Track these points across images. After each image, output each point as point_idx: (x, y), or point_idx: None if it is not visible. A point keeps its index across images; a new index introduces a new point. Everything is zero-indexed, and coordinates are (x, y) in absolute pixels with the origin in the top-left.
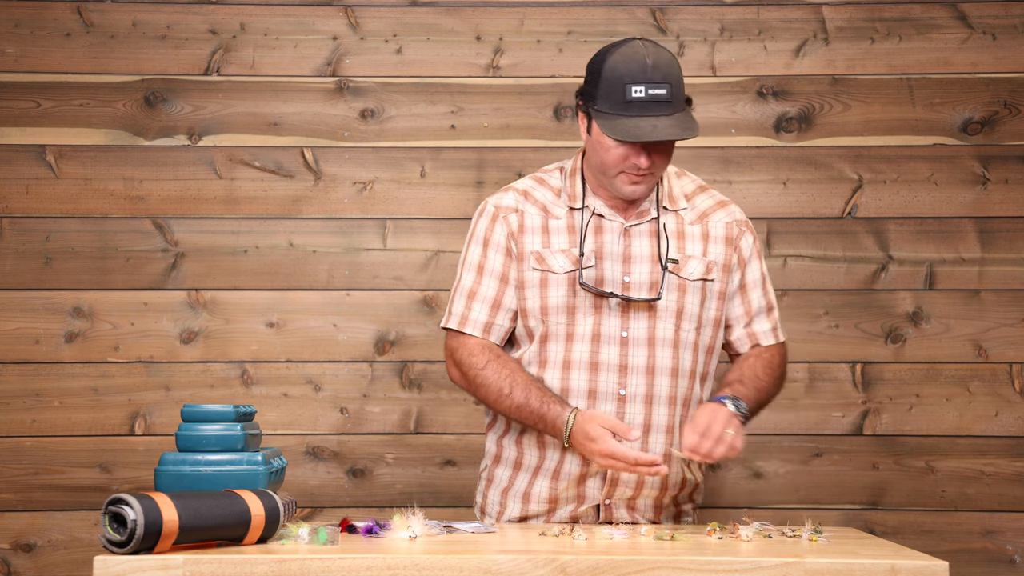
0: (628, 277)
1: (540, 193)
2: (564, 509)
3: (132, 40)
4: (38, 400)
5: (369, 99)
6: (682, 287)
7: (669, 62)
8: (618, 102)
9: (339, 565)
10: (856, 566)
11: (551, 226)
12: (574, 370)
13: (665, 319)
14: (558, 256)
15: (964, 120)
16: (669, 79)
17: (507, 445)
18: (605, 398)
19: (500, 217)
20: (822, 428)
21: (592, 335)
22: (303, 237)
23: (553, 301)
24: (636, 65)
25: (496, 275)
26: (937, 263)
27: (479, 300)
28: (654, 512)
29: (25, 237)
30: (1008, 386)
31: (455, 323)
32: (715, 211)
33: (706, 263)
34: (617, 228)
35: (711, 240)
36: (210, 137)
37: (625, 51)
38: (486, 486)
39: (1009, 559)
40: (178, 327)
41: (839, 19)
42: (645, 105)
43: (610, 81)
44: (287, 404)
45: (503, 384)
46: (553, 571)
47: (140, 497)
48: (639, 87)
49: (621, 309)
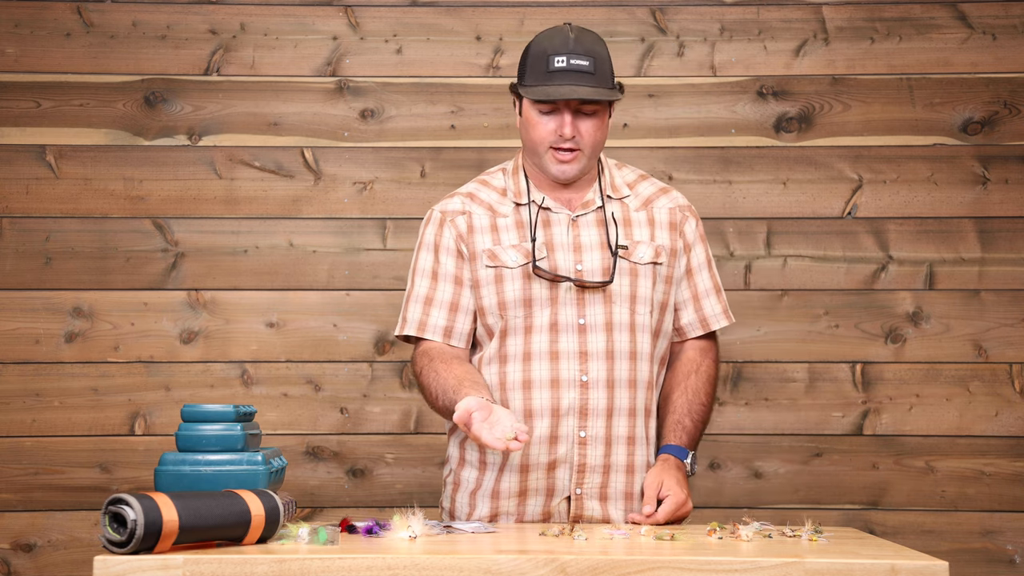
0: (580, 265)
1: (485, 194)
2: (535, 501)
3: (132, 40)
4: (38, 400)
5: (369, 99)
6: (634, 271)
7: (594, 40)
8: (541, 73)
9: (339, 565)
10: (856, 566)
11: (499, 224)
12: (535, 361)
13: (620, 304)
14: (509, 251)
15: (964, 120)
16: (592, 54)
17: (469, 447)
18: (567, 385)
19: (447, 221)
20: (822, 428)
21: (550, 325)
22: (303, 237)
23: (510, 295)
24: (559, 39)
25: (450, 278)
26: (937, 263)
27: (436, 305)
28: (625, 501)
29: (25, 237)
30: (1008, 386)
31: (413, 329)
32: (658, 197)
33: (655, 247)
34: (564, 219)
35: (657, 225)
36: (210, 137)
37: (550, 30)
38: (453, 490)
39: (1009, 559)
40: (178, 327)
41: (839, 19)
42: (567, 74)
43: (535, 56)
44: (287, 404)
45: (433, 388)
46: (553, 571)
47: (140, 497)
48: (560, 57)
49: (577, 297)
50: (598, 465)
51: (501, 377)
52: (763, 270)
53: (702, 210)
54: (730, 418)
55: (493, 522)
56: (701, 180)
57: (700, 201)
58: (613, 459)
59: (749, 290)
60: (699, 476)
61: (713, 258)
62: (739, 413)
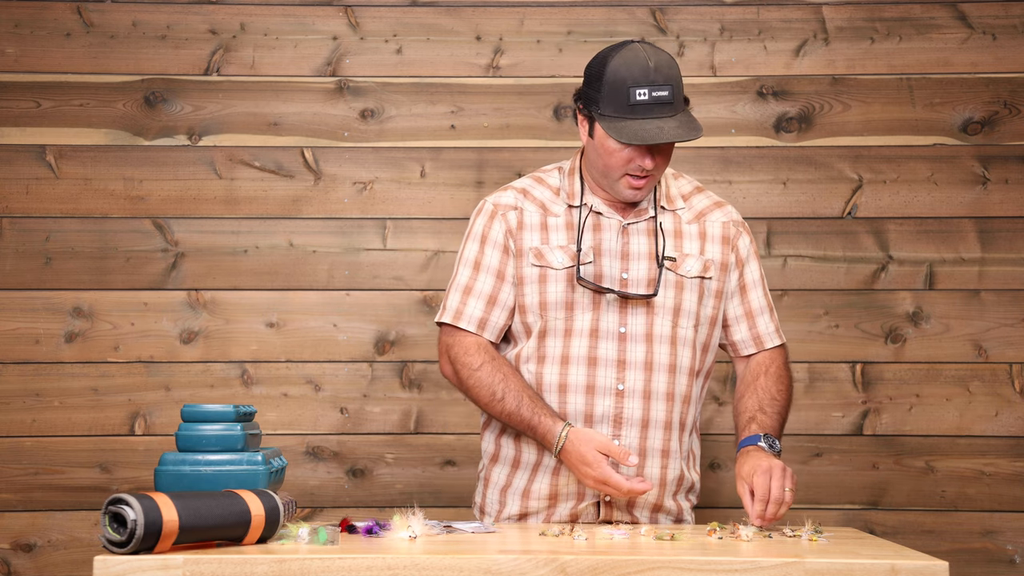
0: (626, 274)
1: (539, 192)
2: (564, 505)
3: (132, 40)
4: (38, 400)
5: (369, 99)
6: (679, 284)
7: (669, 64)
8: (622, 105)
9: (339, 565)
10: (856, 566)
11: (550, 223)
12: (572, 365)
13: (663, 316)
14: (557, 252)
15: (964, 120)
16: (671, 81)
17: (505, 444)
18: (603, 393)
19: (499, 215)
20: (822, 428)
21: (590, 330)
22: (303, 237)
23: (552, 297)
24: (638, 68)
25: (493, 271)
26: (937, 263)
27: (475, 296)
28: (652, 511)
29: (25, 237)
30: (1008, 386)
31: (449, 317)
32: (712, 211)
33: (703, 261)
34: (615, 226)
35: (708, 239)
36: (210, 137)
37: (626, 54)
38: (484, 486)
39: (1009, 559)
40: (178, 327)
41: (839, 19)
42: (649, 108)
43: (613, 84)
44: (287, 404)
45: (496, 388)
46: (553, 571)
47: (140, 497)
48: (643, 90)
49: (619, 305)
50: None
51: (538, 378)
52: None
53: None
54: (730, 418)
55: (522, 521)
56: (701, 180)
57: None
58: (647, 471)
59: None
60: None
61: (765, 276)
62: None
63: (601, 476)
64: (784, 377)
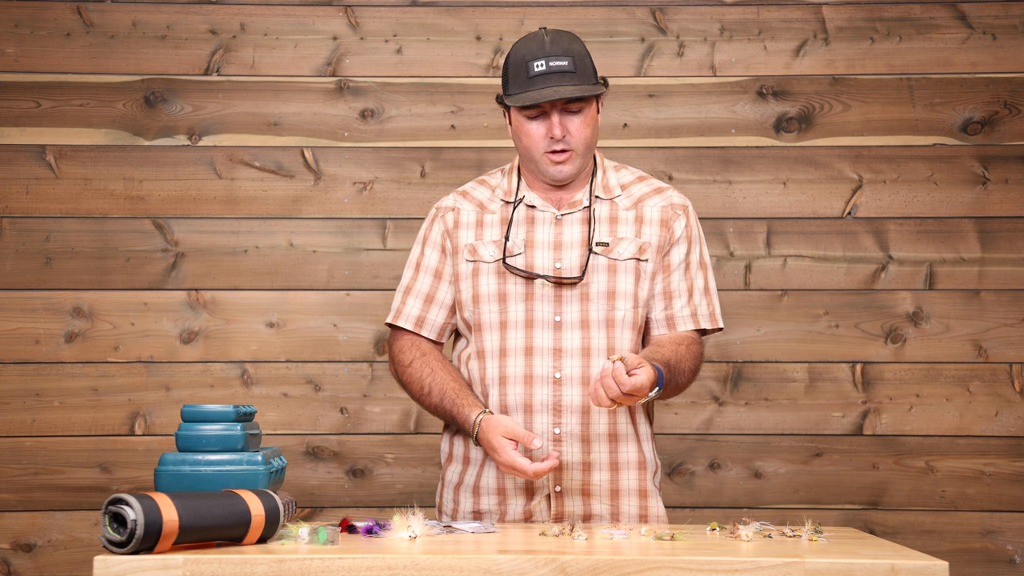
0: (559, 263)
1: (479, 192)
2: (516, 502)
3: (132, 40)
4: (38, 400)
5: (369, 99)
6: (612, 268)
7: (571, 39)
8: (523, 80)
9: (339, 565)
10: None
11: (485, 220)
12: (510, 357)
13: (597, 301)
14: (488, 246)
15: (964, 120)
16: (570, 53)
17: (456, 442)
18: (540, 382)
19: (438, 216)
20: (822, 428)
21: (525, 321)
22: (303, 237)
23: (484, 289)
24: (536, 44)
25: (431, 271)
26: (937, 263)
27: (413, 295)
28: (611, 497)
29: (25, 237)
30: (1008, 386)
31: (391, 317)
32: (651, 196)
33: (639, 244)
34: (549, 218)
35: (646, 223)
36: (210, 137)
37: (526, 38)
38: (441, 486)
39: (1009, 559)
40: (178, 327)
41: (839, 19)
42: (547, 76)
43: (515, 64)
44: (287, 404)
45: (424, 383)
46: (553, 571)
47: (140, 497)
48: (539, 61)
49: (553, 295)
50: (576, 462)
51: (480, 372)
52: (763, 270)
53: (702, 210)
54: (730, 418)
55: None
56: (701, 180)
57: (700, 201)
58: (594, 456)
59: (749, 290)
60: (699, 476)
61: (709, 261)
62: (739, 413)
63: (506, 461)
64: (697, 356)
